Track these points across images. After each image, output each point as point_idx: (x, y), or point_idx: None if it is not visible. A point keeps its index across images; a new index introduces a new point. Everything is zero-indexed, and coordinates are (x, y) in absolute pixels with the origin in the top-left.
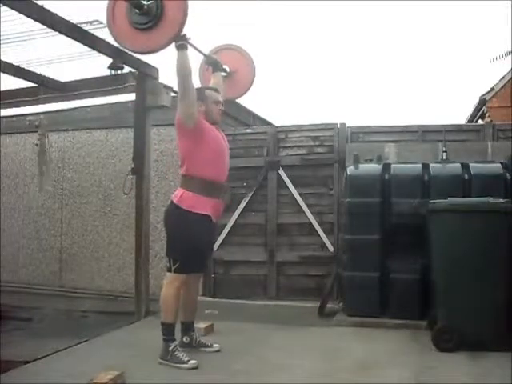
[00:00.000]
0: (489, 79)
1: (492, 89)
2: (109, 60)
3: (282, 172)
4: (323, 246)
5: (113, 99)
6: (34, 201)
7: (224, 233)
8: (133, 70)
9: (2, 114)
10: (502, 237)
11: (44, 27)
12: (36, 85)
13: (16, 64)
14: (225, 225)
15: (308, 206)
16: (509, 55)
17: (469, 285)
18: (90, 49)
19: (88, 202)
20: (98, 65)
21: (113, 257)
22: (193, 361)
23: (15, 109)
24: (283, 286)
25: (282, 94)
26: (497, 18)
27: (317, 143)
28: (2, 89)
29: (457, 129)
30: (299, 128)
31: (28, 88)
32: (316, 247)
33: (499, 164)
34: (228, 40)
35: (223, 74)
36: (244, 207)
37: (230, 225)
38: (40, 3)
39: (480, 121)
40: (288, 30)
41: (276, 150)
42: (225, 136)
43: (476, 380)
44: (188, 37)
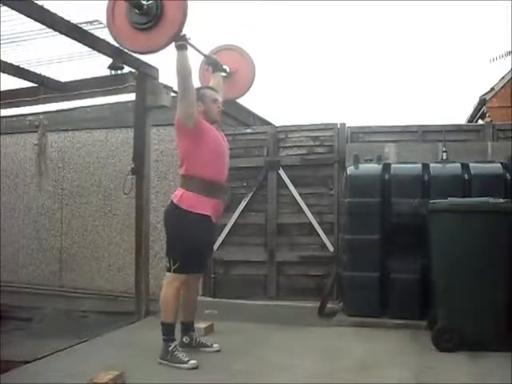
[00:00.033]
0: (489, 79)
1: (492, 89)
2: (109, 60)
3: (282, 172)
4: (323, 246)
5: (113, 99)
6: (34, 201)
7: (224, 233)
8: (133, 70)
9: (2, 114)
10: (502, 237)
11: (44, 27)
12: (36, 85)
13: (16, 64)
14: (225, 225)
15: (308, 206)
16: (509, 55)
17: (469, 285)
18: (90, 49)
19: (88, 202)
20: (98, 65)
21: (113, 257)
22: (193, 361)
23: (15, 109)
24: (283, 286)
25: (282, 94)
26: (497, 18)
27: (317, 143)
28: (2, 89)
29: (457, 129)
30: (299, 128)
31: (28, 88)
32: (316, 247)
33: (499, 164)
34: (228, 40)
35: (223, 75)
36: (244, 207)
37: (230, 225)
38: (40, 3)
39: (480, 121)
40: (288, 30)
41: (276, 150)
42: (225, 136)
43: (476, 380)
44: (188, 37)
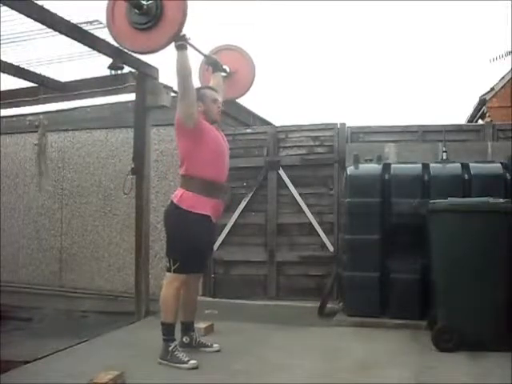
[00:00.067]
0: (489, 79)
1: (492, 89)
2: (109, 60)
3: (282, 172)
4: (323, 246)
5: (113, 99)
6: (34, 201)
7: (224, 233)
8: (133, 70)
9: (2, 114)
10: (502, 237)
11: (44, 27)
12: (36, 85)
13: (16, 64)
14: (225, 225)
15: (308, 206)
16: (509, 55)
17: (469, 285)
18: (90, 49)
19: (88, 202)
20: (98, 65)
21: (113, 257)
22: (193, 361)
23: (15, 109)
24: (283, 286)
25: (282, 94)
26: (497, 18)
27: (317, 143)
28: (2, 89)
29: (457, 129)
30: (299, 128)
31: (28, 88)
32: (316, 247)
33: (499, 164)
34: (228, 40)
35: (223, 75)
36: (244, 207)
37: (230, 225)
38: (40, 3)
39: (480, 121)
40: (288, 30)
41: (276, 150)
42: (225, 136)
43: (476, 380)
44: (188, 37)
